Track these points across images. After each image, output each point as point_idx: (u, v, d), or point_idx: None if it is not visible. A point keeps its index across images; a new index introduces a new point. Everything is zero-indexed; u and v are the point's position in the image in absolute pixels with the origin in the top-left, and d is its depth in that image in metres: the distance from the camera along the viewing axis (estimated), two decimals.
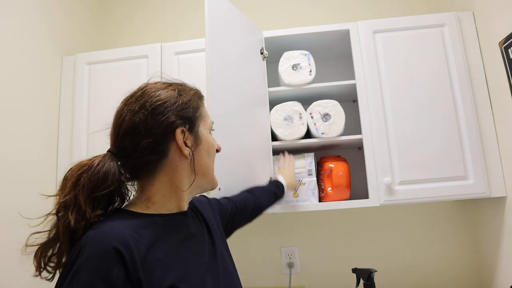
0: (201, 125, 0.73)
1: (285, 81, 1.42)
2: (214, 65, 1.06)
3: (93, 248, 0.53)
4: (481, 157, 1.28)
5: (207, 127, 0.75)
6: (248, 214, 1.04)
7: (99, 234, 0.56)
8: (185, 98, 0.70)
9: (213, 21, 1.09)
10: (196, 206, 0.81)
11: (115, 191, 0.64)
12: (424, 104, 1.34)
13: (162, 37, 1.82)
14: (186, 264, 0.64)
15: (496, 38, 1.24)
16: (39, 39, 1.44)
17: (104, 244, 0.54)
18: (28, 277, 1.26)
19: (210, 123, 0.77)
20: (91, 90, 1.51)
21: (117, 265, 0.53)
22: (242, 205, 1.02)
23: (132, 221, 0.61)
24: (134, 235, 0.57)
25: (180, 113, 0.68)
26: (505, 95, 1.22)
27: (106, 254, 0.53)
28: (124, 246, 0.54)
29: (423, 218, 1.59)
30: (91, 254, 0.53)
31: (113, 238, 0.55)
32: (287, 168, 1.33)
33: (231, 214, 0.95)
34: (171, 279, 0.59)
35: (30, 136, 1.35)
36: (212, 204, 0.89)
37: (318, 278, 1.59)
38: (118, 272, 0.52)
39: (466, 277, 1.52)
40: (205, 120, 0.74)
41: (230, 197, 1.02)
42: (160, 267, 0.58)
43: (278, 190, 1.22)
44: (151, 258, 0.58)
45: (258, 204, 1.08)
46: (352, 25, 1.43)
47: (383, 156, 1.32)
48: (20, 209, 1.26)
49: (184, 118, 0.68)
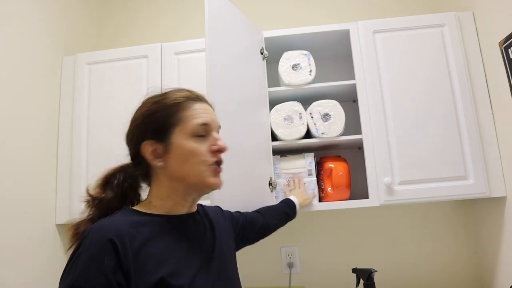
0: (177, 132, 0.73)
1: (285, 81, 1.42)
2: (214, 65, 1.07)
3: (92, 238, 0.62)
4: (481, 157, 1.28)
5: (187, 132, 0.73)
6: (256, 230, 1.09)
7: (100, 227, 0.65)
8: (155, 108, 0.75)
9: (213, 21, 1.09)
10: (207, 213, 0.86)
11: (125, 193, 0.77)
12: (424, 104, 1.34)
13: (162, 37, 1.82)
14: (178, 262, 0.69)
15: (496, 38, 1.24)
16: (39, 39, 1.44)
17: (102, 235, 0.62)
18: (29, 271, 1.26)
19: (194, 127, 0.73)
20: (91, 90, 1.51)
21: (109, 254, 0.60)
22: (252, 220, 1.07)
23: (132, 218, 0.69)
24: (131, 230, 0.65)
25: (146, 127, 0.74)
26: (505, 95, 1.22)
27: (102, 244, 0.61)
28: (119, 239, 0.62)
29: (423, 218, 1.59)
30: (90, 243, 0.62)
31: (110, 231, 0.63)
32: (297, 188, 1.35)
33: (241, 226, 1.01)
34: (161, 273, 0.64)
35: (30, 136, 1.35)
36: (225, 214, 0.95)
37: (318, 278, 1.59)
38: (110, 261, 0.60)
39: (466, 277, 1.52)
40: (184, 125, 0.73)
41: (242, 212, 1.08)
42: (153, 261, 0.65)
43: (290, 209, 1.23)
44: (144, 252, 0.64)
45: (267, 222, 1.13)
46: (352, 25, 1.43)
47: (383, 156, 1.32)
48: (20, 209, 1.27)
49: (151, 130, 0.74)
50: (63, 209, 1.44)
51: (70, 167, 1.46)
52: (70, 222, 1.46)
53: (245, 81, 1.27)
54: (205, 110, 0.78)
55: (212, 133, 0.76)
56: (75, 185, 1.43)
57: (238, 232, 0.99)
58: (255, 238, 1.09)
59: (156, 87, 0.81)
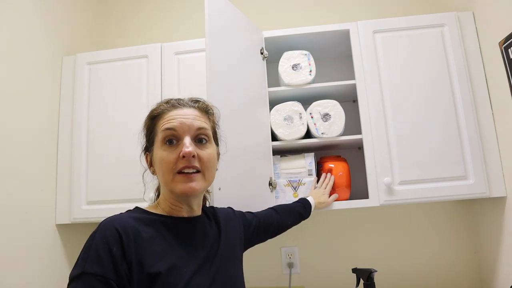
0: (155, 142, 0.78)
1: (285, 81, 1.42)
2: (214, 65, 1.06)
3: (102, 231, 0.67)
4: (481, 157, 1.28)
5: (158, 140, 0.77)
6: (270, 232, 1.09)
7: (108, 220, 0.70)
8: (144, 122, 0.84)
9: (213, 21, 1.09)
10: (216, 215, 0.88)
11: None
12: (424, 104, 1.34)
13: (162, 37, 1.82)
14: (177, 260, 0.71)
15: (496, 38, 1.24)
16: (39, 39, 1.44)
17: (110, 227, 0.68)
18: (29, 271, 1.26)
19: (162, 136, 0.76)
20: (91, 90, 1.51)
21: (116, 244, 0.65)
22: (267, 222, 1.07)
23: (139, 216, 0.74)
24: (136, 226, 0.70)
25: (142, 142, 0.84)
26: (505, 95, 1.22)
27: (110, 234, 0.66)
28: (124, 230, 0.67)
29: (423, 218, 1.59)
30: (100, 235, 0.67)
31: (117, 223, 0.68)
32: (322, 189, 1.33)
33: (254, 228, 1.01)
34: (159, 268, 0.67)
35: (30, 136, 1.35)
36: (237, 215, 0.97)
37: (318, 278, 1.59)
38: (117, 250, 0.65)
39: (466, 277, 1.52)
40: (157, 136, 0.77)
41: (255, 213, 1.07)
42: (153, 256, 0.68)
43: (304, 211, 1.22)
44: (146, 248, 0.68)
45: (282, 222, 1.13)
46: (352, 25, 1.43)
47: (383, 156, 1.32)
48: (20, 209, 1.27)
49: (144, 144, 0.84)
50: (63, 209, 1.44)
51: (70, 167, 1.46)
52: (71, 222, 1.47)
53: (245, 81, 1.27)
54: (178, 115, 0.77)
55: (184, 138, 0.75)
56: (75, 185, 1.43)
57: (251, 236, 0.99)
58: (267, 238, 1.09)
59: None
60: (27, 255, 1.28)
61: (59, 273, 1.42)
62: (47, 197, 1.42)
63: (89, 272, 0.62)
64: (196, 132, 0.77)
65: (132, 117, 1.44)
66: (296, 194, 1.37)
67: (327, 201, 1.30)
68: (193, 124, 0.77)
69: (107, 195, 1.41)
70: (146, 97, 1.46)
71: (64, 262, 1.46)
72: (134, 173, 1.41)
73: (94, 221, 1.41)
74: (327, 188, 1.33)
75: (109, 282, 0.62)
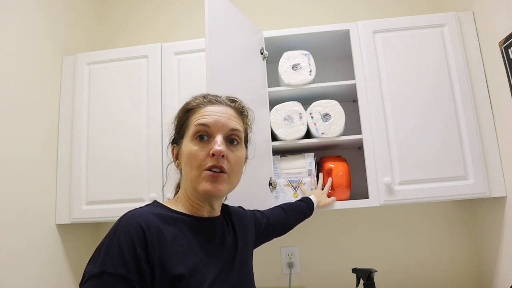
0: (186, 136, 0.76)
1: (285, 81, 1.42)
2: (214, 65, 1.06)
3: (125, 227, 0.64)
4: (481, 157, 1.28)
5: (190, 134, 0.75)
6: (278, 231, 1.10)
7: (130, 215, 0.66)
8: (177, 115, 0.81)
9: (213, 21, 1.09)
10: (230, 215, 0.87)
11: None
12: (424, 104, 1.34)
13: (162, 37, 1.82)
14: (199, 263, 0.69)
15: (496, 38, 1.24)
16: (39, 39, 1.44)
17: (133, 223, 0.64)
18: (30, 271, 1.26)
19: (194, 130, 0.74)
20: (91, 90, 1.51)
21: (140, 241, 0.62)
22: (275, 222, 1.08)
23: (160, 212, 0.70)
24: (158, 224, 0.67)
25: (173, 132, 0.81)
26: (505, 95, 1.22)
27: (134, 231, 0.63)
28: (148, 228, 0.64)
29: (423, 218, 1.59)
30: (123, 230, 0.63)
31: (141, 220, 0.65)
32: (320, 190, 1.35)
33: (264, 228, 1.01)
34: (181, 270, 0.64)
35: (30, 136, 1.35)
36: (248, 215, 0.96)
37: (318, 278, 1.59)
38: (141, 250, 0.62)
39: (466, 277, 1.52)
40: (189, 129, 0.75)
41: (264, 212, 1.08)
42: (175, 258, 0.65)
43: (308, 211, 1.23)
44: (169, 249, 0.65)
45: (289, 222, 1.14)
46: (352, 25, 1.43)
47: (383, 156, 1.32)
48: (20, 208, 1.27)
49: (174, 134, 0.81)
50: (63, 209, 1.44)
51: (70, 167, 1.46)
52: (71, 222, 1.47)
53: (245, 81, 1.27)
54: (214, 112, 0.75)
55: (216, 136, 0.73)
56: (75, 185, 1.43)
57: (261, 235, 0.99)
58: (274, 237, 1.10)
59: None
60: (27, 255, 1.28)
61: (59, 273, 1.42)
62: (47, 197, 1.42)
63: (111, 272, 0.58)
64: (229, 132, 0.75)
65: (132, 117, 1.45)
66: (296, 194, 1.37)
67: (326, 202, 1.31)
68: (227, 123, 0.75)
69: (107, 195, 1.41)
70: (146, 97, 1.46)
71: (64, 262, 1.46)
72: (134, 173, 1.42)
73: (94, 221, 1.41)
74: (325, 189, 1.34)
75: (132, 285, 0.59)
